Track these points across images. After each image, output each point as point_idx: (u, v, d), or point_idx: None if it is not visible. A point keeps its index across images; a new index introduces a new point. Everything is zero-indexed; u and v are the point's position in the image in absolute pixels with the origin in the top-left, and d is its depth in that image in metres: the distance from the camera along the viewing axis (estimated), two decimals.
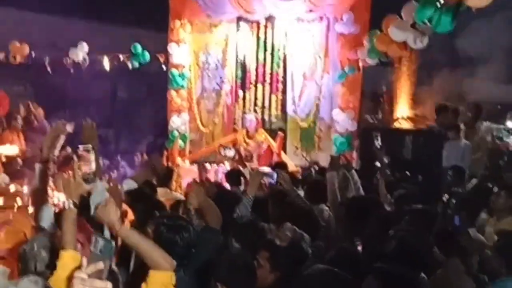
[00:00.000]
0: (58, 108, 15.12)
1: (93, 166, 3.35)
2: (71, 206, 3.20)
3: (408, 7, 6.06)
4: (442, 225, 5.27)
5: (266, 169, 6.57)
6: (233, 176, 7.62)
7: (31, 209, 6.45)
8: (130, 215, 4.69)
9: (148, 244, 3.16)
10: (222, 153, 10.37)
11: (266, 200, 5.76)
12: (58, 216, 5.17)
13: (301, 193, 6.30)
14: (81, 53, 11.79)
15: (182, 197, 6.14)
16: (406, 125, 11.21)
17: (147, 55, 11.82)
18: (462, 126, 10.55)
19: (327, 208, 6.10)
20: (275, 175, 5.77)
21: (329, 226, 5.82)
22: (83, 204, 3.63)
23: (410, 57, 10.37)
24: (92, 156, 3.26)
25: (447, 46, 12.92)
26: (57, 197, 7.36)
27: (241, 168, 8.83)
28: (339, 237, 5.44)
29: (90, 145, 3.30)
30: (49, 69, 12.09)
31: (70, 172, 8.63)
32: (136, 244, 3.14)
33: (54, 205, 7.11)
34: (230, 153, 10.03)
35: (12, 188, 7.09)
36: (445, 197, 5.96)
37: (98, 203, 3.26)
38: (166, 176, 7.31)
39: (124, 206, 4.59)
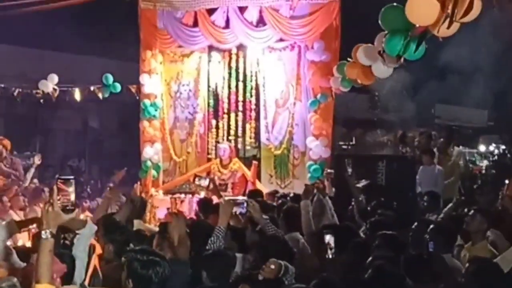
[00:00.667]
0: (28, 139, 14.97)
1: (72, 197, 3.30)
2: (49, 236, 3.13)
3: (381, 36, 6.11)
4: (414, 250, 5.26)
5: (241, 198, 6.51)
6: (206, 205, 7.57)
7: None
8: (98, 249, 4.62)
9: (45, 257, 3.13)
10: (197, 183, 10.28)
11: (243, 229, 5.72)
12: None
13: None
14: (51, 84, 11.66)
15: (156, 229, 6.04)
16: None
17: (118, 86, 11.75)
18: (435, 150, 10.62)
19: (301, 236, 6.06)
20: (241, 205, 5.71)
21: (303, 254, 5.77)
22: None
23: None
24: (71, 187, 3.22)
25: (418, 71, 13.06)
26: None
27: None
28: (315, 265, 5.39)
29: (71, 177, 3.27)
30: (18, 100, 11.91)
31: (41, 204, 8.55)
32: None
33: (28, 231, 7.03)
34: (205, 182, 9.95)
35: None
36: (415, 224, 5.92)
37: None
38: (141, 208, 7.23)
39: (92, 241, 4.53)
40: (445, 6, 3.31)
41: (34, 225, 7.04)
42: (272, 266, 4.07)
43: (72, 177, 3.24)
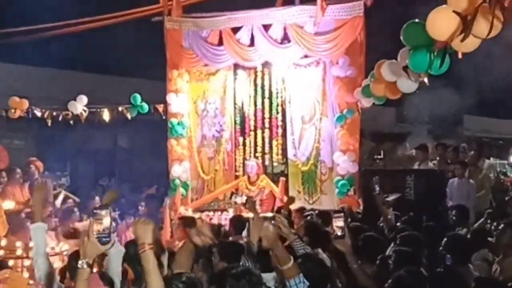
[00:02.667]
0: (59, 160, 15.18)
1: (107, 223, 3.34)
2: (85, 266, 3.23)
3: (404, 52, 6.12)
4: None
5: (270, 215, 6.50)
6: (236, 222, 7.62)
7: (27, 263, 6.51)
8: (130, 274, 4.66)
9: (158, 278, 3.25)
10: (233, 200, 10.37)
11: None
12: (64, 270, 5.22)
13: None
14: (80, 105, 11.85)
15: None
16: None
17: (145, 107, 11.90)
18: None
19: (322, 252, 6.03)
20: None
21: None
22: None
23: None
24: (105, 214, 3.27)
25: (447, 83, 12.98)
26: (60, 248, 7.37)
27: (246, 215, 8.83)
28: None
29: (108, 206, 3.33)
30: (49, 122, 12.12)
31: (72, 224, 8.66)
32: (149, 271, 3.24)
33: (56, 254, 7.13)
34: (241, 199, 10.03)
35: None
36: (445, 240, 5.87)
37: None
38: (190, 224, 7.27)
39: (125, 265, 4.59)
40: (466, 21, 3.31)
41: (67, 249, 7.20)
42: None
43: (108, 206, 3.29)
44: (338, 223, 4.97)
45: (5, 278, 4.32)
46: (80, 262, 3.24)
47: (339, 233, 4.90)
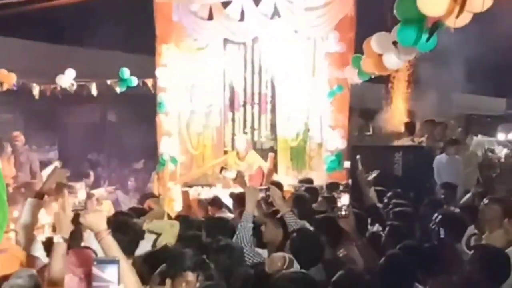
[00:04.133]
0: (47, 134, 15.12)
1: (82, 196, 3.29)
2: (61, 240, 3.12)
3: (396, 30, 6.10)
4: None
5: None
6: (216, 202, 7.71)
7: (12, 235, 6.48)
8: None
9: (124, 261, 3.07)
10: (223, 174, 10.35)
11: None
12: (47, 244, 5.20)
13: None
14: (68, 79, 11.76)
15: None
16: None
17: (134, 80, 11.82)
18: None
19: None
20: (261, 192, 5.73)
21: None
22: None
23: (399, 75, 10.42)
24: (80, 186, 3.22)
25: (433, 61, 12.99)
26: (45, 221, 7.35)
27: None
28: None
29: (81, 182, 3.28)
30: (36, 95, 12.03)
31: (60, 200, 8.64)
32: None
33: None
34: (231, 174, 10.03)
35: None
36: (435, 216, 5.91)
37: None
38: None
39: None
40: None
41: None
42: (279, 264, 4.15)
43: (81, 181, 3.25)
44: (343, 201, 4.99)
45: (4, 248, 4.32)
46: (55, 237, 3.13)
47: (343, 213, 4.93)
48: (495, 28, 10.67)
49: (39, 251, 4.70)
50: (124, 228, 4.43)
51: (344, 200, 4.98)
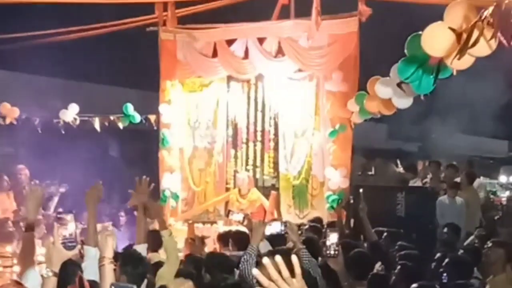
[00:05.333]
0: (49, 168, 15.07)
1: (72, 228, 3.20)
2: (50, 274, 3.03)
3: (396, 68, 6.12)
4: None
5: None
6: (225, 238, 7.59)
7: (17, 269, 6.42)
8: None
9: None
10: (231, 217, 10.32)
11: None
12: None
13: None
14: (71, 114, 11.79)
15: None
16: None
17: (137, 117, 11.83)
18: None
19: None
20: (275, 225, 5.65)
21: None
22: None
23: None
24: (70, 219, 3.14)
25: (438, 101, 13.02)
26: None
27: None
28: None
29: (72, 211, 3.21)
30: (39, 130, 12.05)
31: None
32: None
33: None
34: (238, 217, 9.99)
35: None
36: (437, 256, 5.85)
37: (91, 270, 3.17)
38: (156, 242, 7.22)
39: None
40: (461, 38, 3.31)
41: None
42: None
43: (71, 211, 3.18)
44: (332, 240, 4.93)
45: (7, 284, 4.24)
46: (45, 271, 3.06)
47: (332, 252, 4.87)
48: (496, 69, 10.72)
49: (30, 282, 4.62)
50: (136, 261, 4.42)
51: (332, 238, 4.92)
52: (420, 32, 5.25)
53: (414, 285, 4.54)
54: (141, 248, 5.46)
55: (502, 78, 11.98)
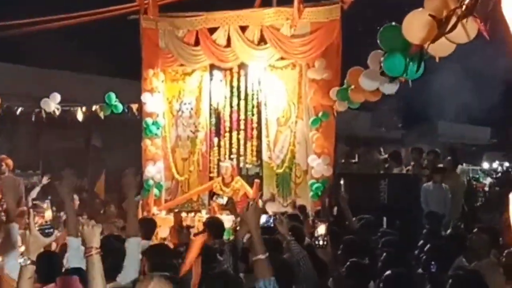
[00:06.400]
0: (31, 158, 14.97)
1: (48, 215, 3.16)
2: (28, 262, 2.98)
3: (374, 56, 6.12)
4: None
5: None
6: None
7: None
8: None
9: (103, 285, 3.04)
10: (215, 200, 10.30)
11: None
12: None
13: None
14: (53, 103, 11.67)
15: None
16: None
17: (119, 106, 11.73)
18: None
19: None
20: (262, 217, 5.65)
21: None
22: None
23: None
24: (46, 206, 3.11)
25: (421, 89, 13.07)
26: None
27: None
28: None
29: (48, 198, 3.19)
30: (20, 120, 11.93)
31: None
32: (94, 278, 3.01)
33: None
34: (222, 200, 9.98)
35: None
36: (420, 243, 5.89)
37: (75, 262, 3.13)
38: (150, 229, 7.21)
39: None
40: (441, 24, 3.31)
41: None
42: None
43: (47, 198, 3.16)
44: (320, 230, 4.93)
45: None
46: (22, 259, 3.01)
47: (321, 243, 4.87)
48: (479, 58, 10.77)
49: (13, 272, 4.59)
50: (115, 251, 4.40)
51: (321, 230, 4.93)
52: (393, 23, 5.28)
53: (388, 272, 4.55)
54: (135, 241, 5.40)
55: (484, 65, 12.04)
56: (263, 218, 5.53)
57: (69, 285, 3.73)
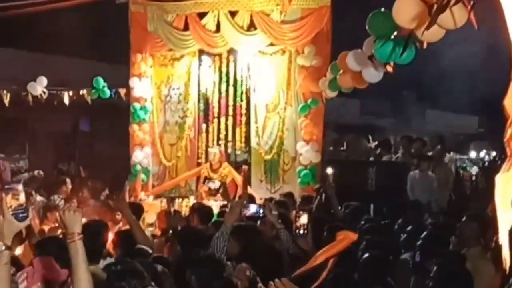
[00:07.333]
0: (18, 141, 14.86)
1: (22, 198, 3.10)
2: (3, 248, 2.83)
3: (369, 41, 6.08)
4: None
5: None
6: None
7: None
8: None
9: (87, 272, 3.00)
10: (207, 185, 10.27)
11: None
12: None
13: None
14: (39, 87, 11.56)
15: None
16: None
17: (107, 91, 11.64)
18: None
19: None
20: (252, 206, 5.66)
21: None
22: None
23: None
24: (21, 189, 3.04)
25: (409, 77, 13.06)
26: None
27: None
28: None
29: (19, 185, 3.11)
30: (6, 102, 11.81)
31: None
32: (77, 264, 2.96)
33: None
34: (215, 185, 9.95)
35: None
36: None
37: None
38: (136, 214, 7.16)
39: None
40: (432, 9, 3.27)
41: None
42: (247, 272, 4.08)
43: (19, 184, 3.08)
44: (302, 220, 4.94)
45: None
46: None
47: (302, 231, 4.88)
48: (467, 46, 10.76)
49: None
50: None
51: (303, 219, 4.94)
52: (382, 9, 5.25)
53: (366, 254, 4.56)
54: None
55: (472, 54, 12.04)
56: (253, 208, 5.55)
57: (45, 266, 3.69)
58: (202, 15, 10.86)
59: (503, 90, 2.90)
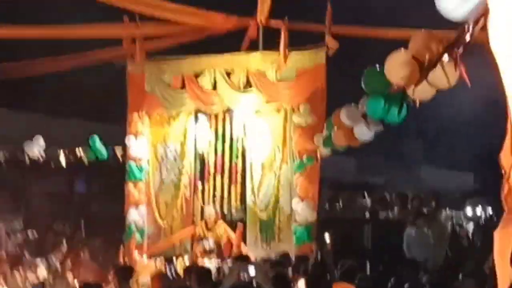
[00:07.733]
0: (12, 202, 14.74)
1: (43, 273, 3.10)
2: None
3: (365, 99, 6.17)
4: None
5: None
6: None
7: None
8: None
9: None
10: (201, 245, 10.20)
11: None
12: None
13: None
14: (36, 147, 11.57)
15: None
16: None
17: (104, 152, 11.66)
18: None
19: None
20: (251, 269, 5.63)
21: None
22: None
23: None
24: (40, 263, 3.04)
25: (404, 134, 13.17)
26: None
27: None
28: None
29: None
30: (3, 163, 11.80)
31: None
32: None
33: None
34: (209, 244, 9.86)
35: None
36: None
37: None
38: (126, 276, 7.09)
39: None
40: (423, 68, 3.33)
41: None
42: None
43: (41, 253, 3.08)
44: (300, 285, 4.91)
45: None
46: None
47: None
48: (461, 103, 10.88)
49: None
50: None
51: (300, 285, 4.91)
52: (377, 66, 5.33)
53: None
54: None
55: (466, 111, 12.17)
56: (252, 271, 5.51)
57: None
58: (198, 75, 10.98)
59: (498, 146, 2.92)
